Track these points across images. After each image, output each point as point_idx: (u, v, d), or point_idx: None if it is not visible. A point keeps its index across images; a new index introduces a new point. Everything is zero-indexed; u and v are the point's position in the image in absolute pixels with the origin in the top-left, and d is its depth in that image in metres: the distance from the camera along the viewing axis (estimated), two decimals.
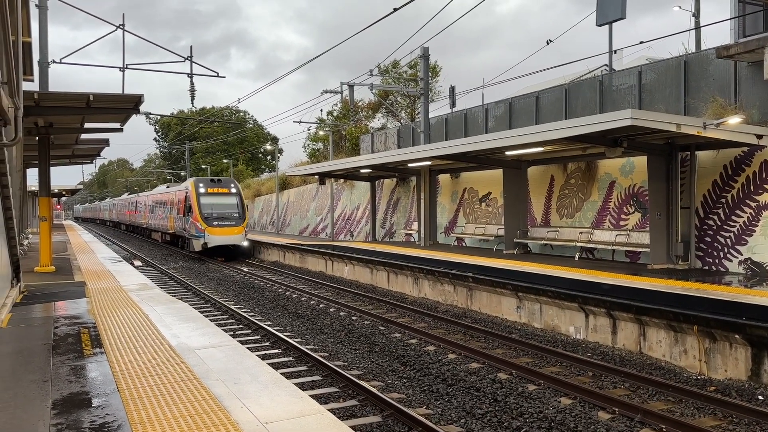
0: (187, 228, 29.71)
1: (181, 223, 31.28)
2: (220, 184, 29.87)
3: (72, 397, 5.32)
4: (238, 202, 29.66)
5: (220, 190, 29.42)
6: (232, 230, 28.29)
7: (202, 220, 27.89)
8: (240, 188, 30.82)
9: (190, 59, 19.87)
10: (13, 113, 8.22)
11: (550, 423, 7.51)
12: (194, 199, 28.54)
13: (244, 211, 29.45)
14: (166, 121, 74.39)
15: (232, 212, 28.89)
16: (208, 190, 29.09)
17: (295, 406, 5.07)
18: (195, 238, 28.50)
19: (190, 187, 29.55)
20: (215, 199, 28.93)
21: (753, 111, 13.70)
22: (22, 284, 12.06)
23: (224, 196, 29.35)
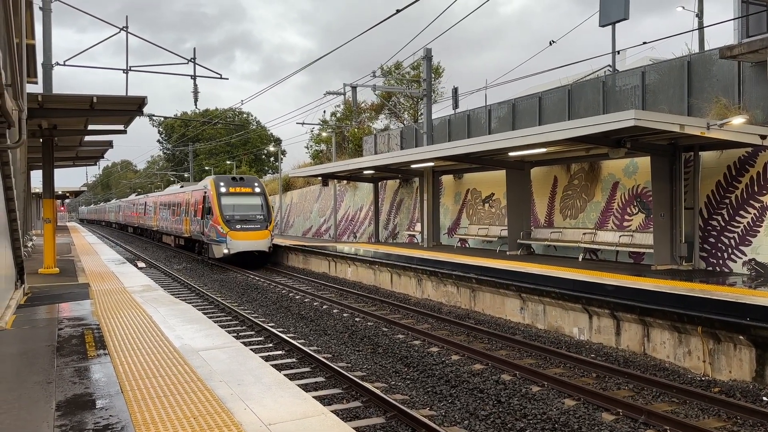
0: (206, 232, 26.36)
1: (198, 226, 28.06)
2: (243, 182, 26.67)
3: (76, 399, 5.33)
4: (263, 202, 26.45)
5: (242, 190, 26.23)
6: (257, 234, 25.03)
7: (224, 222, 24.66)
8: (264, 187, 27.69)
9: (194, 61, 19.91)
10: (17, 115, 8.24)
11: (553, 424, 7.49)
12: (214, 199, 25.42)
13: (269, 213, 26.38)
14: (170, 122, 74.53)
15: (256, 214, 25.73)
16: (230, 189, 25.92)
17: (298, 407, 5.07)
18: (215, 244, 25.26)
19: (209, 186, 26.39)
20: (238, 200, 25.81)
21: (757, 111, 13.67)
22: (26, 286, 12.10)
23: (248, 196, 26.20)
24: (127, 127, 14.60)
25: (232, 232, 24.53)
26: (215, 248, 25.35)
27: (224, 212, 25.07)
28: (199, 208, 27.93)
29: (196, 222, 28.62)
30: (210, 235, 25.80)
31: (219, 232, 24.85)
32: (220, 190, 25.77)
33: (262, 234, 25.22)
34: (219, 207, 25.15)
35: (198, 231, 28.19)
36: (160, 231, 39.68)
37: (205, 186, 27.29)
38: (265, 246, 25.23)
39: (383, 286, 19.65)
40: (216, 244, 25.21)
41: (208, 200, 26.28)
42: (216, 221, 25.07)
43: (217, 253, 25.23)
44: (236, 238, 24.52)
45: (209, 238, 25.93)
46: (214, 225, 25.22)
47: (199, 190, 28.37)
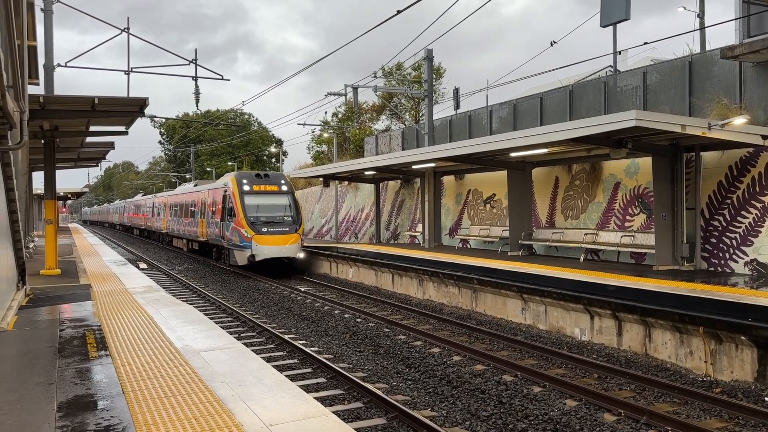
0: (227, 236, 23.53)
1: (217, 229, 25.16)
2: (269, 180, 23.91)
3: (77, 400, 5.33)
4: (291, 201, 23.74)
5: (268, 188, 23.48)
6: (286, 238, 22.23)
7: (248, 225, 21.95)
8: (292, 185, 24.94)
9: (195, 62, 19.93)
10: (19, 117, 8.26)
11: (555, 425, 7.49)
12: (237, 198, 22.72)
13: (299, 214, 23.65)
14: (171, 124, 74.62)
15: (284, 215, 23.07)
16: (254, 187, 23.21)
17: (299, 408, 5.07)
18: (238, 249, 22.50)
19: (230, 184, 23.67)
20: (263, 199, 23.14)
21: (758, 111, 13.65)
22: (27, 287, 12.11)
23: (274, 195, 23.50)
24: (128, 129, 14.62)
25: (258, 236, 21.86)
26: (238, 254, 22.64)
27: (248, 213, 22.38)
28: (218, 208, 25.12)
29: (214, 224, 25.84)
30: (232, 240, 23.06)
31: (242, 236, 22.13)
32: (243, 188, 23.03)
33: (292, 238, 22.44)
34: (242, 207, 22.47)
35: (216, 235, 25.34)
36: (171, 234, 36.90)
37: (226, 184, 24.46)
38: (294, 251, 22.55)
39: (385, 287, 19.65)
40: (239, 250, 22.47)
41: (229, 200, 23.52)
42: (239, 224, 22.38)
43: (240, 259, 22.49)
44: (262, 242, 21.86)
45: (231, 242, 23.22)
46: (237, 228, 22.50)
47: (218, 189, 25.58)
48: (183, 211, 32.52)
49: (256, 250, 21.79)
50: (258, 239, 21.83)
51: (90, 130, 14.75)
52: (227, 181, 24.40)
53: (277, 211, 23.14)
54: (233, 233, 22.89)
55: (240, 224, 22.30)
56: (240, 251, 22.38)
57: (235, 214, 22.66)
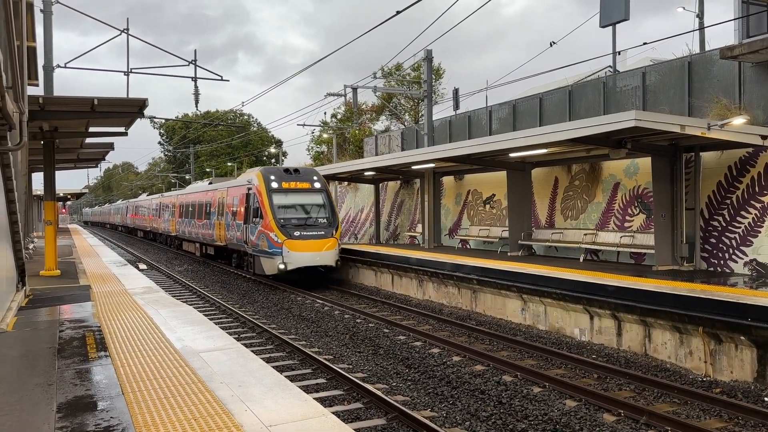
0: (252, 240, 20.61)
1: (239, 232, 22.19)
2: (299, 176, 20.98)
3: (77, 401, 5.34)
4: (326, 200, 20.81)
5: (299, 185, 20.65)
6: (322, 243, 19.33)
7: (278, 228, 19.08)
8: (326, 182, 21.92)
9: (194, 63, 19.94)
10: (18, 118, 8.26)
11: (555, 425, 7.49)
12: (264, 197, 19.88)
13: (335, 215, 20.70)
14: (171, 124, 74.66)
15: (319, 217, 20.18)
16: (283, 184, 20.37)
17: (299, 409, 5.07)
18: (266, 256, 19.55)
19: (256, 181, 20.78)
20: (294, 198, 20.36)
21: (757, 111, 13.66)
22: (27, 288, 12.11)
23: (306, 194, 20.69)
24: (128, 129, 14.63)
25: (290, 241, 18.94)
26: (266, 262, 19.66)
27: (278, 215, 19.51)
28: (239, 209, 22.28)
29: (234, 227, 22.92)
30: (258, 245, 20.07)
31: (272, 241, 19.16)
32: (270, 185, 20.16)
33: (328, 243, 19.46)
34: (271, 208, 19.57)
35: (238, 239, 22.30)
36: (181, 237, 33.72)
37: (250, 181, 21.47)
38: (332, 259, 19.57)
39: (384, 288, 19.65)
40: (267, 257, 19.48)
41: (254, 199, 20.72)
42: (267, 226, 19.42)
43: (268, 268, 19.59)
44: (296, 249, 18.96)
45: (257, 248, 20.21)
46: (265, 232, 19.54)
47: (240, 187, 22.68)
48: (196, 211, 29.58)
49: (288, 257, 18.90)
50: (290, 245, 18.94)
51: (89, 131, 14.75)
52: (252, 178, 21.40)
53: (310, 212, 20.27)
54: (260, 238, 19.95)
55: (268, 227, 19.37)
56: (268, 259, 19.41)
57: (263, 216, 19.79)
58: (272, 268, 19.30)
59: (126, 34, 17.67)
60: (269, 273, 19.65)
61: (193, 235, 30.47)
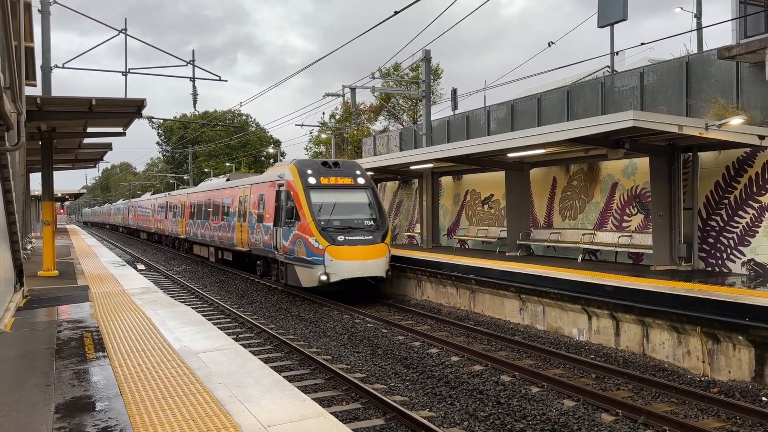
0: (286, 246, 17.39)
1: (266, 236, 19.09)
2: (340, 170, 17.99)
3: (75, 401, 5.33)
4: (372, 199, 17.79)
5: (340, 180, 17.65)
6: (370, 251, 16.28)
7: (319, 232, 16.02)
8: (369, 177, 18.82)
9: (192, 63, 19.94)
10: (16, 118, 8.26)
11: (553, 425, 7.50)
12: (300, 195, 16.86)
13: (383, 217, 17.62)
14: (169, 124, 74.62)
15: (365, 218, 17.20)
16: (322, 180, 17.36)
17: (297, 409, 5.07)
18: (304, 265, 16.40)
19: (289, 176, 17.67)
20: (336, 196, 17.29)
21: (755, 111, 13.68)
22: (25, 288, 12.10)
23: (349, 191, 17.66)
24: (126, 130, 14.63)
25: (334, 247, 15.87)
26: (303, 272, 16.55)
27: (317, 215, 16.45)
28: (268, 209, 19.24)
29: (261, 230, 19.69)
30: (293, 252, 16.93)
31: (311, 247, 16.08)
32: (307, 180, 17.15)
33: (378, 249, 16.39)
34: (309, 208, 16.55)
35: (266, 244, 19.21)
36: (191, 240, 30.76)
37: (281, 176, 18.35)
38: (382, 268, 16.46)
39: (383, 288, 19.65)
40: (305, 266, 16.36)
41: (287, 197, 17.56)
42: (305, 230, 16.33)
43: (306, 279, 16.50)
44: (341, 256, 15.85)
45: (291, 255, 17.06)
46: (302, 236, 16.41)
47: (268, 183, 19.56)
48: (211, 212, 26.47)
49: (332, 266, 15.77)
50: (334, 252, 15.83)
51: (87, 131, 14.75)
52: (283, 172, 18.26)
53: (355, 213, 17.25)
54: (296, 243, 16.76)
55: (307, 231, 16.25)
56: (306, 268, 16.29)
57: (299, 217, 16.69)
58: (311, 280, 16.20)
59: (124, 34, 17.66)
60: (307, 285, 16.54)
61: (206, 239, 27.34)
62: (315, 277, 15.92)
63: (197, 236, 29.01)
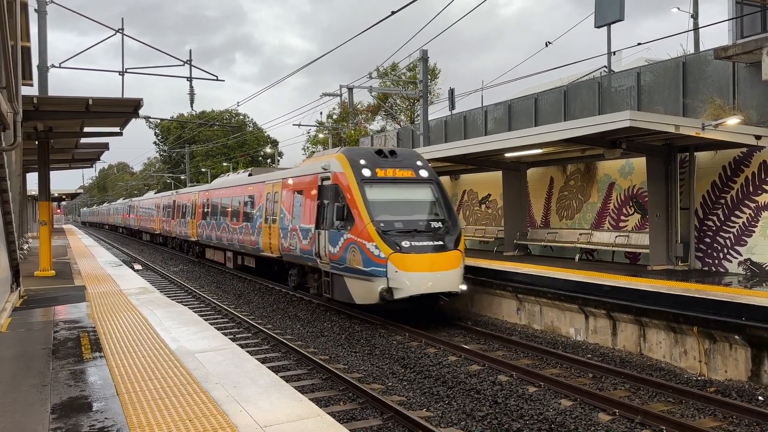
0: (334, 253, 14.07)
1: (305, 240, 15.71)
2: (398, 160, 14.66)
3: (71, 402, 5.32)
4: (439, 196, 14.50)
5: (399, 173, 14.40)
6: (442, 259, 13.10)
7: (380, 236, 12.96)
8: (432, 169, 15.24)
9: (190, 63, 19.91)
10: (12, 118, 8.24)
11: (550, 425, 7.51)
12: (353, 191, 13.73)
13: (453, 217, 14.22)
14: (166, 124, 74.54)
15: (431, 219, 13.98)
16: (378, 172, 14.15)
17: (294, 409, 5.07)
18: (359, 277, 13.28)
19: (337, 167, 14.42)
20: (395, 191, 14.24)
21: (751, 112, 13.71)
22: (21, 288, 12.07)
23: (411, 186, 14.44)
24: (122, 129, 14.61)
25: (400, 255, 12.68)
26: (358, 285, 13.38)
27: (376, 215, 13.29)
28: (307, 208, 15.93)
29: (297, 234, 16.27)
30: (345, 260, 13.62)
31: (369, 255, 12.92)
32: (361, 173, 13.95)
33: (451, 258, 13.16)
34: (366, 207, 13.39)
35: (304, 250, 15.86)
36: (204, 243, 27.57)
37: (327, 167, 14.92)
38: (457, 281, 13.19)
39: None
40: (361, 279, 13.21)
41: (334, 193, 14.33)
42: (362, 233, 13.14)
43: (361, 294, 13.35)
44: (408, 267, 12.66)
45: (341, 265, 13.82)
46: (357, 241, 13.21)
47: (308, 177, 16.13)
48: (229, 212, 23.23)
49: (397, 279, 12.58)
50: (399, 261, 12.65)
51: (84, 131, 14.73)
52: (329, 163, 14.87)
53: (420, 212, 14.12)
54: (348, 250, 13.55)
55: (364, 235, 13.10)
56: (362, 281, 13.17)
57: (352, 218, 13.53)
58: (368, 295, 13.07)
59: (121, 34, 17.64)
60: (362, 301, 13.42)
61: (223, 242, 24.01)
62: (374, 293, 12.77)
63: (211, 239, 25.87)
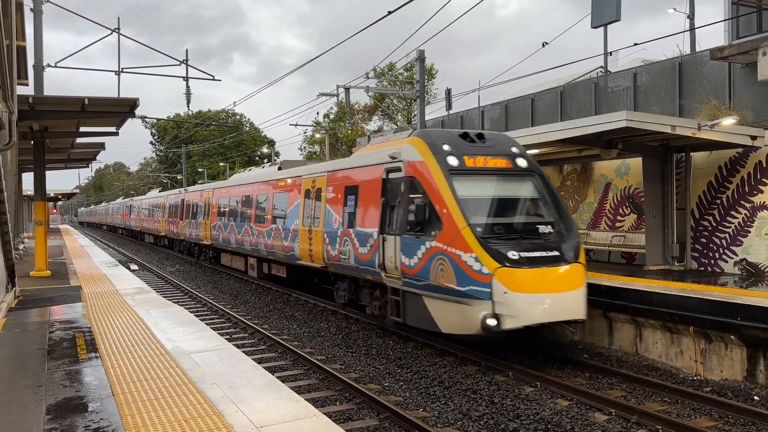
0: (411, 265, 10.78)
1: (363, 248, 12.53)
2: (487, 145, 11.33)
3: (66, 402, 5.31)
4: (545, 191, 11.17)
5: (491, 162, 11.05)
6: (564, 276, 9.78)
7: (480, 243, 9.62)
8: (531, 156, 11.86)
9: (186, 63, 19.89)
10: (8, 117, 8.21)
11: (546, 425, 7.51)
12: (439, 183, 10.39)
13: (567, 218, 10.89)
14: (163, 124, 74.43)
15: (538, 221, 10.73)
16: (466, 160, 10.80)
17: (290, 409, 5.06)
18: (449, 299, 10.01)
19: (413, 153, 11.20)
20: (490, 186, 10.95)
21: (747, 112, 13.75)
22: (17, 289, 12.03)
23: (508, 178, 11.14)
24: (119, 129, 14.59)
25: (508, 269, 9.46)
26: (449, 310, 10.13)
27: (473, 218, 10.03)
28: (368, 208, 12.54)
29: (351, 239, 12.98)
30: (427, 275, 10.38)
31: (465, 268, 9.69)
32: (447, 162, 10.61)
33: (574, 273, 9.95)
34: (458, 205, 10.10)
35: (361, 259, 12.56)
36: (220, 248, 24.46)
37: (396, 155, 11.63)
38: (582, 306, 9.98)
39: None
40: (452, 301, 9.98)
41: (410, 188, 11.06)
42: (455, 240, 9.91)
43: (453, 322, 10.11)
44: (523, 286, 9.43)
45: (421, 281, 10.57)
46: (446, 250, 9.99)
47: (368, 168, 12.81)
48: (253, 212, 19.88)
49: (509, 303, 9.32)
50: (509, 278, 9.38)
51: (80, 130, 14.70)
52: (401, 150, 11.48)
53: (523, 213, 10.94)
54: (433, 262, 10.23)
55: (457, 242, 9.82)
56: (454, 303, 9.92)
57: (439, 220, 10.20)
58: (464, 323, 9.73)
59: (117, 33, 17.60)
60: (452, 330, 10.07)
61: (245, 247, 20.54)
62: (472, 320, 9.44)
63: (229, 243, 22.32)
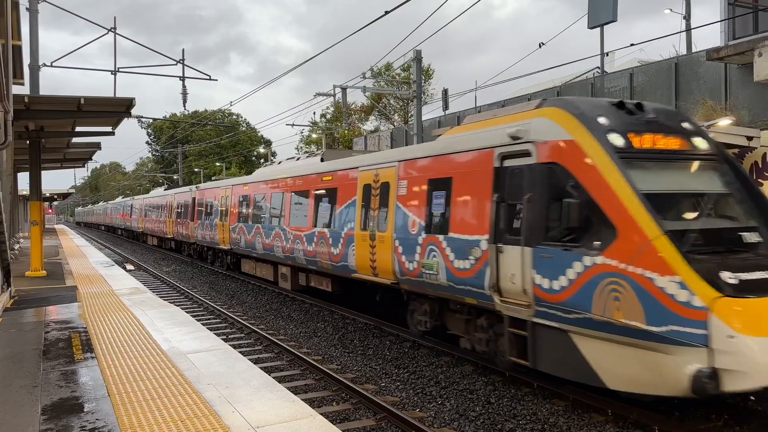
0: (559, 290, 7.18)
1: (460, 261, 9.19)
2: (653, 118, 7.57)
3: (62, 403, 5.29)
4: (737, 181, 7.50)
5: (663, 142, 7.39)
6: None
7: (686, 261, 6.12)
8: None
9: (182, 62, 19.86)
10: (3, 117, 8.19)
11: (543, 425, 7.51)
12: (604, 171, 6.85)
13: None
14: (159, 124, 74.32)
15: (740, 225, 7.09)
16: (632, 140, 7.19)
17: (287, 409, 5.05)
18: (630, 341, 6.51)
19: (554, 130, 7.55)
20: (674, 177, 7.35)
21: (743, 112, 13.79)
22: (12, 289, 12.00)
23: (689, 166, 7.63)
24: (115, 129, 14.56)
25: (734, 300, 5.93)
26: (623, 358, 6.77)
27: (668, 223, 6.58)
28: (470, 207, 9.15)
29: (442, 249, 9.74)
30: (588, 307, 6.85)
31: (662, 298, 6.17)
32: (608, 141, 7.12)
33: None
34: (641, 203, 6.58)
35: (456, 276, 9.34)
36: (240, 253, 21.35)
37: (520, 134, 8.09)
38: None
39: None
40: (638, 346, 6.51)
41: (550, 179, 7.54)
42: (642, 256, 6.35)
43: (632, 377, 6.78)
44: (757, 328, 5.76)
45: (571, 314, 7.12)
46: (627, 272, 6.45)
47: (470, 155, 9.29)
48: (286, 213, 16.75)
49: (739, 353, 5.81)
50: (737, 314, 5.93)
51: (76, 130, 14.67)
52: (531, 125, 8.05)
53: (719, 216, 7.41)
54: (599, 287, 6.79)
55: (647, 258, 6.39)
56: (642, 351, 6.56)
57: (609, 225, 6.80)
58: (660, 380, 6.57)
59: (113, 33, 17.56)
60: (636, 390, 6.98)
61: (275, 253, 17.42)
62: (675, 377, 6.35)
63: (254, 248, 19.22)
